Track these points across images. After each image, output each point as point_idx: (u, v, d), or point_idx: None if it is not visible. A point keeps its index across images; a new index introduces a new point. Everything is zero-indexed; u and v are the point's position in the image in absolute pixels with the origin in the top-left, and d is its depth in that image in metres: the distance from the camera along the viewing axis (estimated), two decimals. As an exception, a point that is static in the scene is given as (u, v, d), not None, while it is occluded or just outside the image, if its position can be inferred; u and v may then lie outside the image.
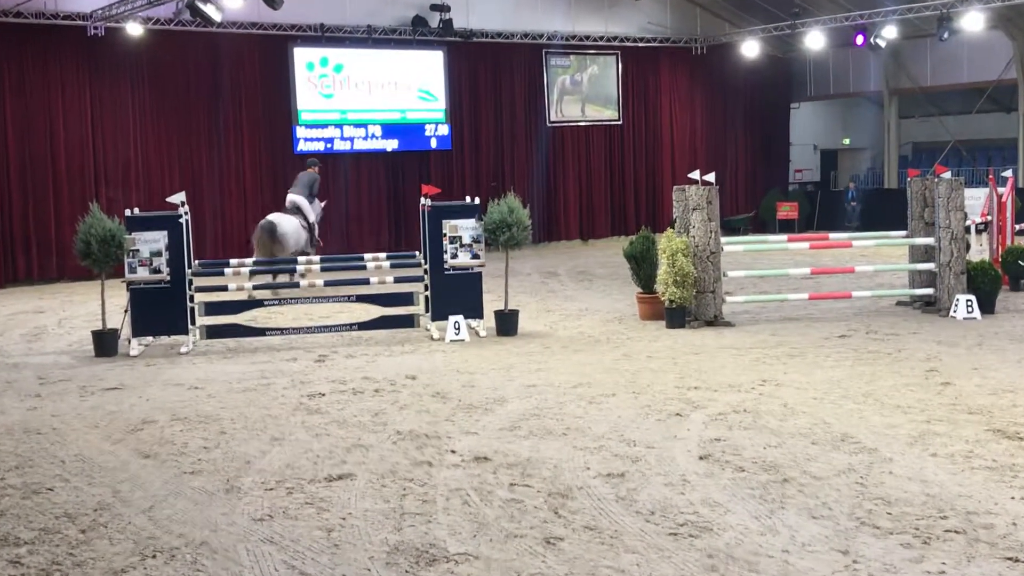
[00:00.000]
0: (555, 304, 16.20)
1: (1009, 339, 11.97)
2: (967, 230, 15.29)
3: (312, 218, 17.84)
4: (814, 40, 28.45)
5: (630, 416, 8.68)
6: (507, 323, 13.22)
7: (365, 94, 24.80)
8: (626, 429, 8.24)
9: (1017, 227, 17.77)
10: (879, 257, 20.15)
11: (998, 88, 31.30)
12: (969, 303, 13.55)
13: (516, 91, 27.45)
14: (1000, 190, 17.10)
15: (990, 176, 17.93)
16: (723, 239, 13.74)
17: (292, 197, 17.85)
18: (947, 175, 14.41)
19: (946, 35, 26.49)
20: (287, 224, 17.13)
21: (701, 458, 7.37)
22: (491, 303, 14.15)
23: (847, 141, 37.03)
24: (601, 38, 28.95)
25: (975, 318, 13.42)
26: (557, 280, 19.85)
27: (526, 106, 27.66)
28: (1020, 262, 15.97)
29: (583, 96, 28.92)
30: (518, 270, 19.35)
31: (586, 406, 9.10)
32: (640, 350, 11.87)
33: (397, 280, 13.68)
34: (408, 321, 13.28)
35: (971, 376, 9.90)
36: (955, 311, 13.56)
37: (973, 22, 26.78)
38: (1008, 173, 18.03)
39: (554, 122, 28.36)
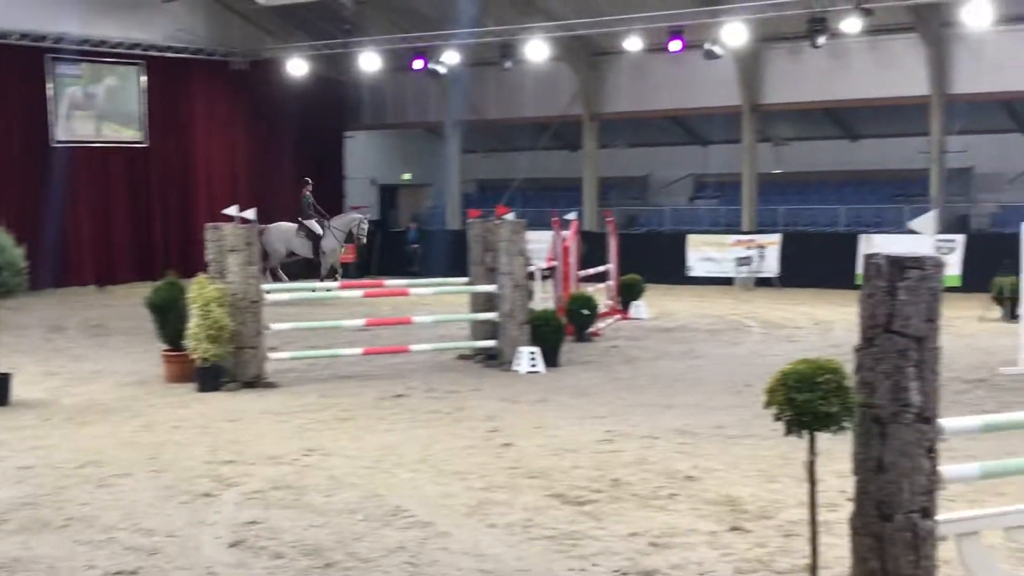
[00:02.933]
0: (61, 365, 15.35)
1: (573, 394, 13.00)
2: (531, 276, 16.49)
3: (318, 230, 24.99)
4: (369, 62, 29.46)
5: (149, 500, 8.38)
6: (-6, 391, 12.30)
7: None
8: (143, 516, 7.93)
9: (582, 273, 19.45)
10: (441, 305, 21.13)
11: (564, 124, 34.16)
12: (532, 356, 14.57)
13: (11, 103, 25.83)
14: (564, 233, 18.65)
15: (554, 218, 19.49)
16: (265, 286, 13.74)
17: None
18: (510, 216, 15.43)
19: (508, 64, 28.46)
20: (273, 226, 24.91)
21: (232, 545, 7.26)
22: (-27, 366, 13.08)
23: (408, 176, 38.53)
24: (121, 44, 28.07)
25: (539, 372, 14.44)
26: (64, 336, 18.83)
27: (24, 122, 26.10)
28: (584, 311, 17.44)
29: (99, 112, 27.85)
30: (14, 324, 18.14)
31: (94, 490, 8.66)
32: (164, 419, 11.52)
33: None
34: None
35: (533, 436, 10.61)
36: (518, 365, 14.51)
37: (537, 52, 29.02)
38: (572, 216, 19.71)
39: (62, 142, 27.02)
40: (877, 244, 25.98)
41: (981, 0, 25.14)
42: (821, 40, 26.52)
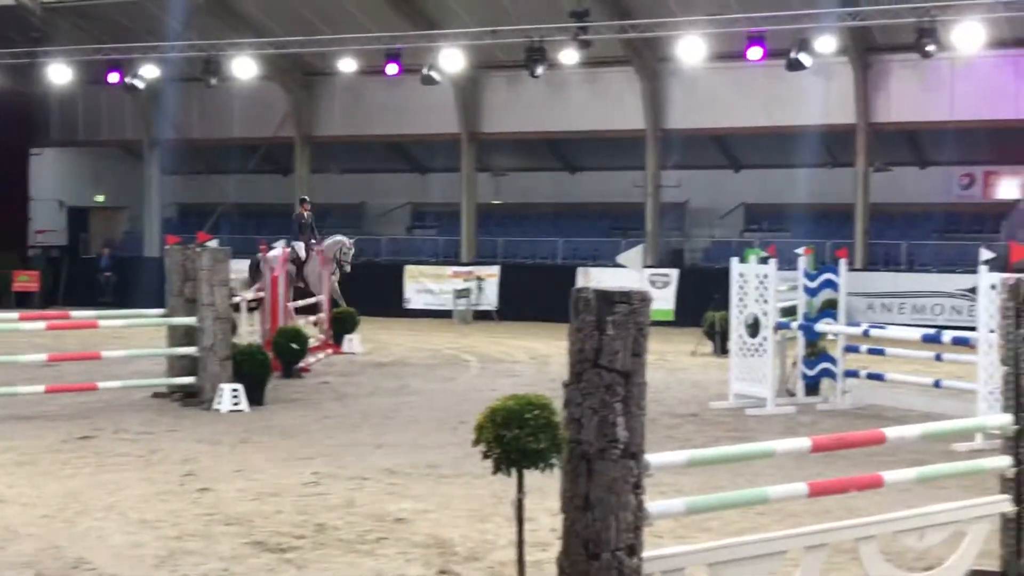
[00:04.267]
0: None
1: (279, 434, 12.79)
2: (235, 308, 16.16)
3: (300, 254, 22.27)
4: (59, 74, 28.26)
5: None
6: None
7: None
8: None
9: (291, 305, 19.22)
10: (135, 339, 20.39)
11: (275, 147, 33.79)
12: (235, 393, 14.25)
13: None
14: (272, 260, 18.40)
15: (262, 246, 19.22)
16: None
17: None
18: (212, 243, 15.10)
19: (214, 81, 27.91)
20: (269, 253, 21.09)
21: None
22: None
23: (101, 198, 37.11)
24: None
25: (242, 410, 14.14)
26: None
27: None
28: (293, 345, 17.22)
29: None
30: None
31: None
32: None
33: None
34: None
35: (233, 479, 10.36)
36: (219, 403, 14.16)
37: (245, 70, 28.60)
38: (278, 246, 19.48)
39: None
40: (594, 277, 26.95)
41: (694, 37, 26.55)
42: (540, 70, 27.36)
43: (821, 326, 14.99)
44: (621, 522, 5.34)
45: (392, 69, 28.08)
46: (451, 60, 28.17)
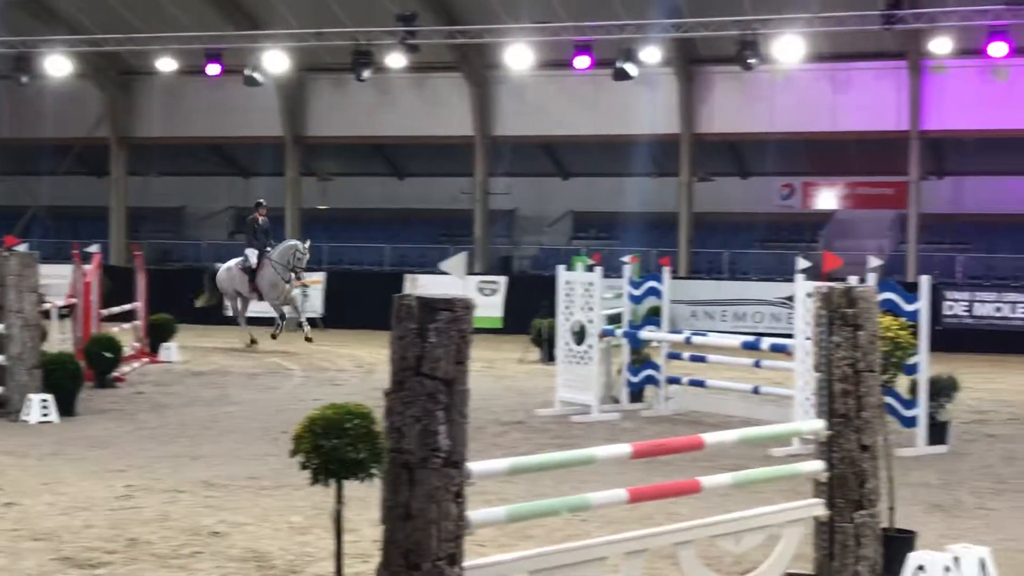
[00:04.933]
0: None
1: (89, 445, 12.40)
2: (45, 315, 15.62)
3: (251, 262, 22.51)
4: None
5: None
6: None
7: None
8: None
9: (105, 312, 18.66)
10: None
11: (89, 148, 32.85)
12: (44, 404, 13.78)
13: None
14: (85, 267, 17.84)
15: (75, 251, 18.62)
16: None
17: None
18: (21, 248, 14.60)
19: (25, 79, 27.08)
20: (221, 268, 23.39)
21: None
22: None
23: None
24: None
25: (52, 422, 13.68)
26: None
27: None
28: (107, 353, 16.73)
29: None
30: None
31: None
32: None
33: None
34: None
35: (41, 493, 10.00)
36: (28, 414, 13.67)
37: (58, 68, 27.77)
38: (94, 249, 18.90)
39: None
40: (421, 284, 26.92)
41: (521, 44, 26.82)
42: (366, 74, 27.27)
43: (645, 333, 15.26)
44: (442, 531, 5.34)
45: (213, 69, 27.59)
46: (275, 61, 27.83)
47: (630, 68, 26.86)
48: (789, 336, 13.39)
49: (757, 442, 9.61)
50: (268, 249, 22.53)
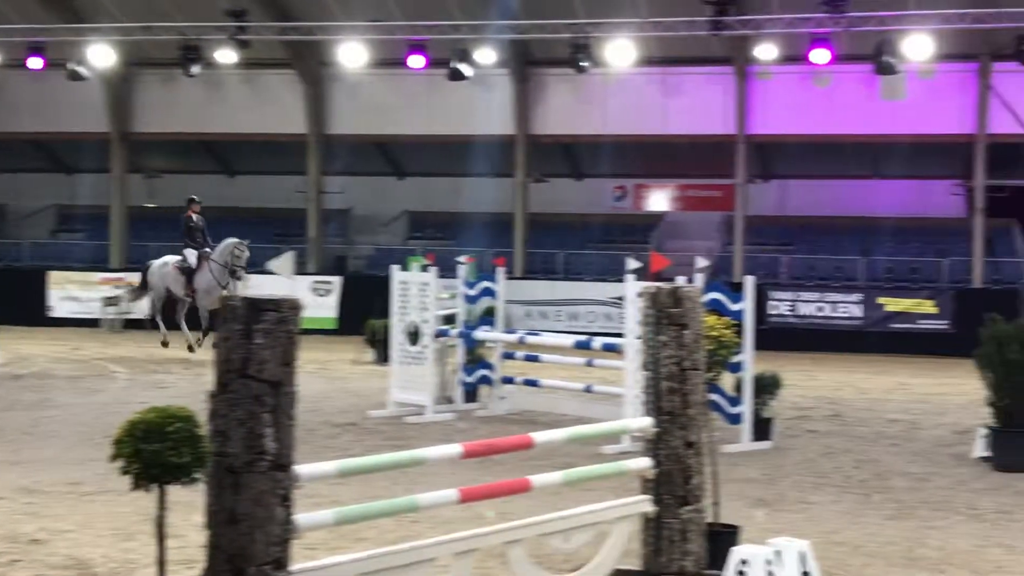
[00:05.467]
0: None
1: (-101, 453, 11.90)
2: None
3: (191, 262, 21.19)
4: None
5: None
6: None
7: None
8: None
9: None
10: None
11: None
12: None
13: None
14: None
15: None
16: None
17: None
18: None
19: None
20: (155, 263, 22.14)
21: None
22: None
23: None
24: None
25: None
26: None
27: None
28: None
29: None
30: None
31: None
32: None
33: None
34: None
35: None
36: None
37: None
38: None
39: None
40: (254, 285, 26.50)
41: (355, 42, 26.67)
42: (195, 69, 26.77)
43: (480, 334, 15.32)
44: (269, 535, 5.26)
45: (36, 63, 26.72)
46: (100, 55, 27.08)
47: (465, 69, 26.95)
48: (620, 336, 13.60)
49: (587, 440, 9.74)
50: (207, 250, 21.43)
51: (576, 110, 29.70)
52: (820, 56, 25.25)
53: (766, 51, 26.81)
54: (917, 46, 24.83)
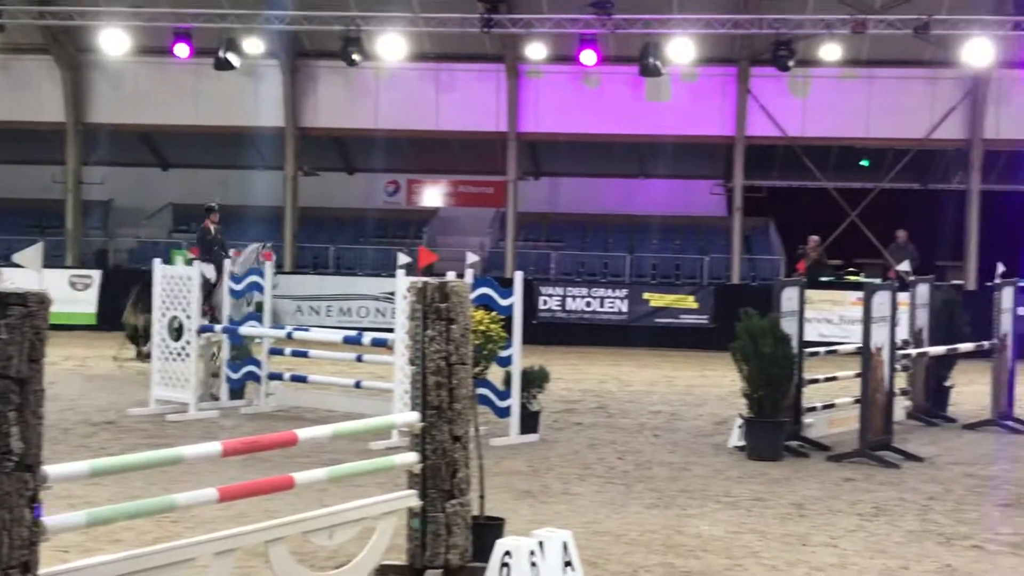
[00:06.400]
0: None
1: None
2: None
3: (210, 277, 17.33)
4: None
5: None
6: None
7: None
8: None
9: None
10: None
11: None
12: None
13: None
14: None
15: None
16: None
17: None
18: None
19: None
20: None
21: None
22: None
23: None
24: None
25: None
26: None
27: None
28: None
29: None
30: None
31: None
32: None
33: None
34: None
35: None
36: None
37: None
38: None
39: None
40: (7, 278, 25.35)
41: (117, 29, 25.84)
42: (-55, 52, 25.41)
43: (246, 329, 15.06)
44: (14, 538, 5.04)
45: None
46: None
47: (232, 59, 26.42)
48: (391, 331, 13.58)
49: (353, 436, 9.68)
50: (228, 262, 17.68)
51: (348, 103, 29.48)
52: (588, 57, 25.80)
53: (536, 50, 27.21)
54: (680, 50, 25.64)
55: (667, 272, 30.57)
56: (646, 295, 27.20)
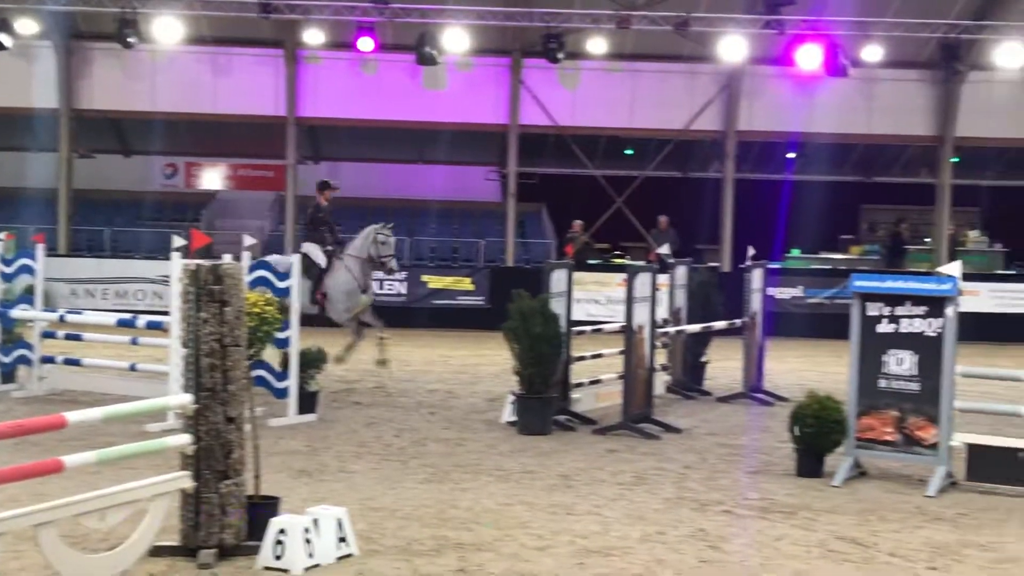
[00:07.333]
0: None
1: None
2: None
3: (318, 260, 16.11)
4: None
5: None
6: None
7: None
8: None
9: None
10: None
11: None
12: None
13: None
14: None
15: None
16: None
17: None
18: None
19: None
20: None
21: None
22: None
23: None
24: None
25: None
26: None
27: None
28: None
29: None
30: None
31: None
32: None
33: None
34: None
35: None
36: None
37: None
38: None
39: None
40: None
41: None
42: None
43: (17, 312, 14.46)
44: None
45: None
46: None
47: (5, 39, 25.23)
48: (167, 314, 13.25)
49: (125, 418, 9.39)
50: (338, 244, 16.55)
51: (124, 86, 28.49)
52: (365, 44, 25.64)
53: (314, 36, 26.89)
54: (455, 40, 25.73)
55: (445, 255, 30.72)
56: (425, 277, 27.28)
